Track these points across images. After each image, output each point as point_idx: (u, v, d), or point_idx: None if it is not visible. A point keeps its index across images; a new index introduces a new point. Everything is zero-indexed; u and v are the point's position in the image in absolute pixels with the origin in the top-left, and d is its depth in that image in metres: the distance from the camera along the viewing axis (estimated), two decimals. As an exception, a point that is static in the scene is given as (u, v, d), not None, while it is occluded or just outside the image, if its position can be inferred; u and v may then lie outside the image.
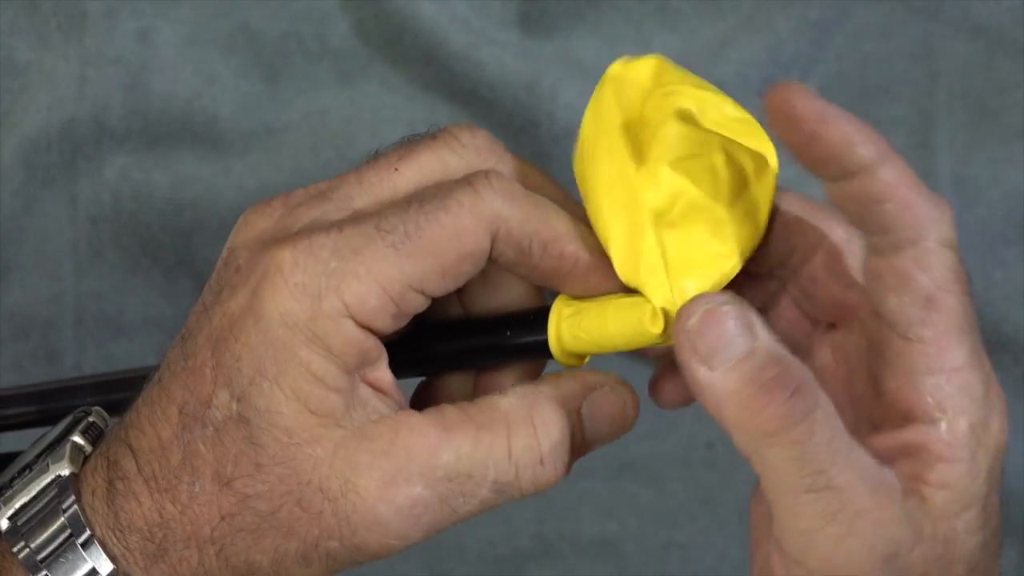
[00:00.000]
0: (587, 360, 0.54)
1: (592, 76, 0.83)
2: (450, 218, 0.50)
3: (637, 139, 0.51)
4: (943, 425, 0.47)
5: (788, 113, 0.47)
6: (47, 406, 0.64)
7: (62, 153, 0.83)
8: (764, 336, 0.47)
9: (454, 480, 0.50)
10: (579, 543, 0.84)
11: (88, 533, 0.51)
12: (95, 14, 0.83)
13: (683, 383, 0.49)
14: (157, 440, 0.51)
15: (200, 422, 0.50)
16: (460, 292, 0.54)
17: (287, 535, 0.50)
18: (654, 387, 0.53)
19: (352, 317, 0.49)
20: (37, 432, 0.63)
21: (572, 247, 0.51)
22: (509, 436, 0.51)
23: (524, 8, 0.83)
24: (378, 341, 0.50)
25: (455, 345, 0.54)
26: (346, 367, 0.50)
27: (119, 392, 0.57)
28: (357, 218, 0.51)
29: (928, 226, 0.47)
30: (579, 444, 0.52)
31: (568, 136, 0.82)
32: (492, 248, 0.51)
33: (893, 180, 0.47)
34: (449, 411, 0.51)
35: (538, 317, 0.53)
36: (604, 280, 0.52)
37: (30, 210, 0.84)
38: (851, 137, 0.46)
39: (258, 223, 0.53)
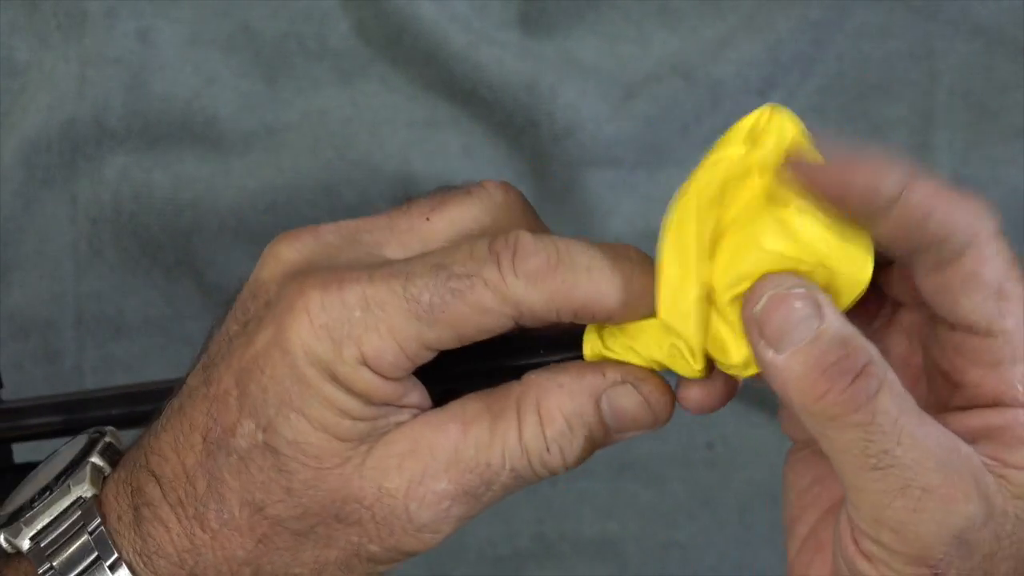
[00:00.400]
0: None
1: (592, 76, 0.84)
2: (476, 296, 0.50)
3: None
4: None
5: (810, 179, 0.47)
6: (72, 416, 0.65)
7: (62, 153, 0.83)
8: (831, 317, 0.47)
9: (474, 471, 0.51)
10: (579, 543, 0.84)
11: (115, 555, 0.52)
12: (95, 14, 0.83)
13: (709, 388, 0.51)
14: (181, 467, 0.52)
15: (224, 450, 0.51)
16: None
17: (326, 546, 0.52)
18: (680, 390, 0.53)
19: (369, 367, 0.50)
20: (62, 442, 0.63)
21: (599, 308, 0.51)
22: (520, 424, 0.51)
23: (524, 8, 0.83)
24: (399, 383, 0.51)
25: (489, 364, 0.53)
26: (370, 402, 0.51)
27: (145, 404, 0.57)
28: (387, 269, 0.51)
29: (979, 222, 0.48)
30: (600, 436, 0.52)
31: (568, 136, 0.82)
32: (516, 324, 0.51)
33: (931, 191, 0.47)
34: (470, 403, 0.52)
35: (574, 336, 0.52)
36: (635, 316, 0.51)
37: (30, 210, 0.84)
38: (876, 170, 0.47)
39: (286, 255, 0.53)
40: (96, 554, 0.52)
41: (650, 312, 0.51)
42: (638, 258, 0.51)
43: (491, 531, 0.84)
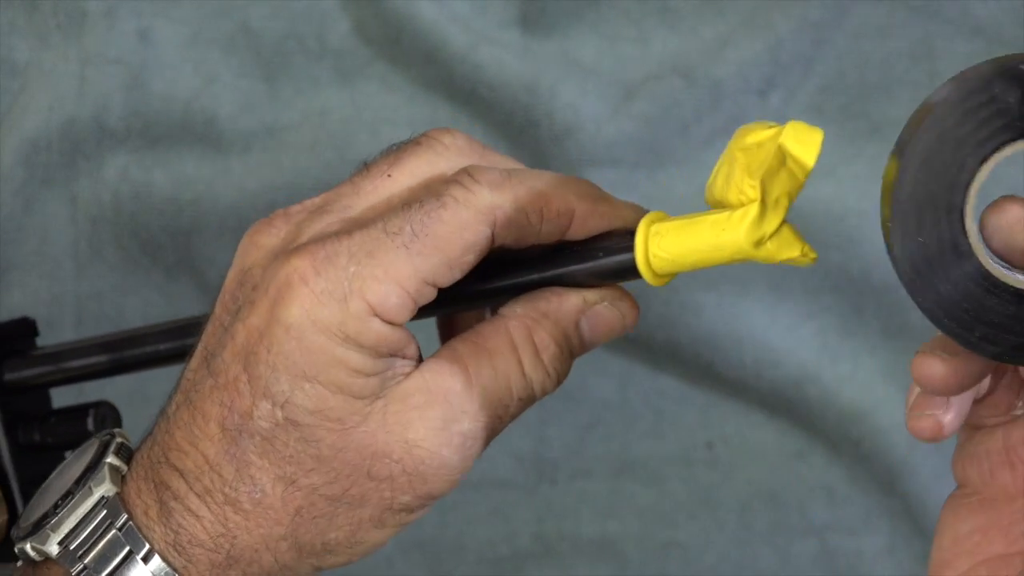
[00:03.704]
0: (673, 277, 0.55)
1: (592, 76, 0.84)
2: (450, 213, 0.53)
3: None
4: None
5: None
6: (118, 355, 0.66)
7: (62, 153, 0.83)
8: None
9: (488, 408, 0.54)
10: (579, 543, 0.84)
11: (147, 547, 0.53)
12: (95, 14, 0.83)
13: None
14: (203, 458, 0.53)
15: (246, 434, 0.53)
16: None
17: (360, 505, 0.53)
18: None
19: (378, 316, 0.52)
20: (106, 382, 0.66)
21: (561, 202, 0.54)
22: (519, 357, 0.55)
23: (524, 8, 0.83)
24: (404, 331, 0.53)
25: (536, 276, 0.56)
26: (379, 355, 0.53)
27: (191, 337, 0.57)
28: (362, 223, 0.53)
29: None
30: (578, 350, 0.56)
31: (568, 136, 0.82)
32: (495, 236, 0.53)
33: None
34: (459, 347, 0.55)
35: (624, 239, 0.55)
36: (602, 221, 0.55)
37: (30, 210, 0.84)
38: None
39: (264, 242, 0.55)
40: (128, 548, 0.53)
41: (608, 218, 0.55)
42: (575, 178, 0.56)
43: (491, 531, 0.84)
